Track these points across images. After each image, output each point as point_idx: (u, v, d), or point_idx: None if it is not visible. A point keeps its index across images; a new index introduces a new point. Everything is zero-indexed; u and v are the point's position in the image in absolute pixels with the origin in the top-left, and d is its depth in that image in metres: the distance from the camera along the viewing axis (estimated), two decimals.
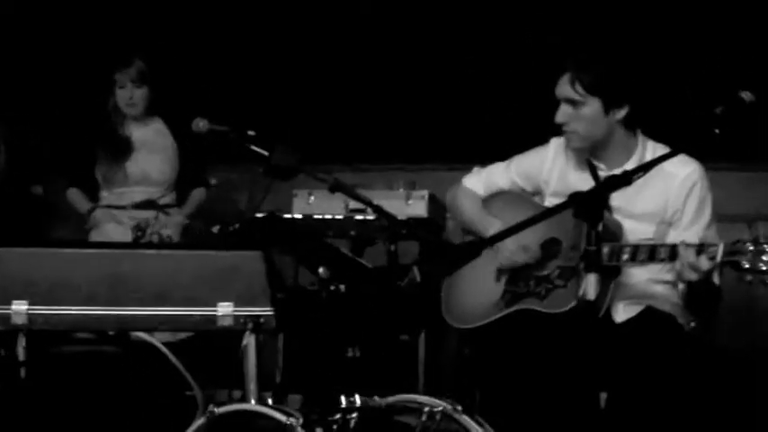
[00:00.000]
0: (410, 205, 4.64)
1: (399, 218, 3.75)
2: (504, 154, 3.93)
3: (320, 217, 4.45)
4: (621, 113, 2.93)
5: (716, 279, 2.76)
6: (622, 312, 2.97)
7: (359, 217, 4.41)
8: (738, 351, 4.44)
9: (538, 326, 2.92)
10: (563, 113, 2.97)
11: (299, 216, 4.66)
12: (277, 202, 5.15)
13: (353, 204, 4.72)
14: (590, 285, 2.29)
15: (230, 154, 3.62)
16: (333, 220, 4.41)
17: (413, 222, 4.25)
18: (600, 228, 2.34)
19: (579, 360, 2.82)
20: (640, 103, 2.94)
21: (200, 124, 3.46)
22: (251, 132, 3.39)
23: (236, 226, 4.22)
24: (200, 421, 2.18)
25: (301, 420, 2.01)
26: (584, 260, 2.31)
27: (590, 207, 2.30)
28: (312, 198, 4.81)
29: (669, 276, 2.97)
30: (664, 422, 2.82)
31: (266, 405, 2.11)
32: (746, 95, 2.49)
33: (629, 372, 2.82)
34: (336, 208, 4.69)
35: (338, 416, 2.11)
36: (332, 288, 2.80)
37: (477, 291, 3.13)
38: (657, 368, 2.85)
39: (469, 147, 5.17)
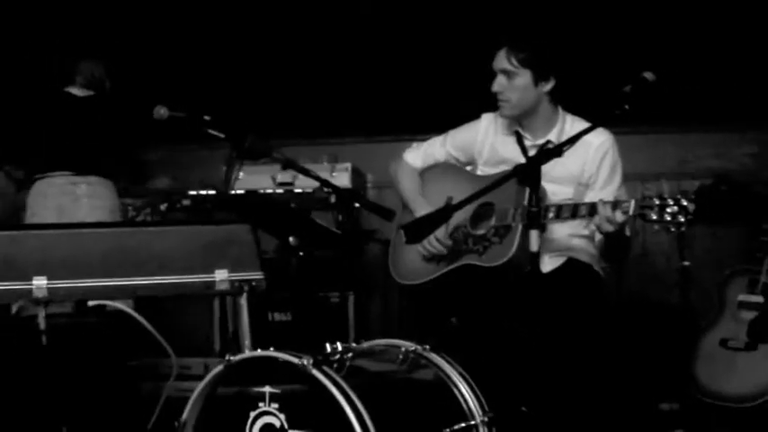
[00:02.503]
0: (334, 177, 5.06)
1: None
2: (419, 126, 4.46)
3: (262, 191, 4.90)
4: (548, 86, 3.43)
5: (627, 231, 3.32)
6: (548, 263, 3.49)
7: (297, 190, 4.88)
8: (635, 293, 5.15)
9: (478, 278, 3.44)
10: (499, 83, 3.45)
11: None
12: (206, 178, 5.58)
13: (281, 178, 5.18)
14: (533, 239, 2.81)
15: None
16: (274, 194, 4.86)
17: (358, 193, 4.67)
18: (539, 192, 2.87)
19: (514, 304, 3.35)
20: (564, 77, 3.45)
21: (161, 111, 3.82)
22: (207, 117, 3.79)
23: (184, 203, 4.63)
24: (217, 369, 2.61)
25: (312, 360, 2.46)
26: (527, 219, 2.83)
27: (530, 175, 2.82)
28: (241, 174, 5.23)
29: (586, 231, 3.49)
30: (585, 353, 3.38)
31: (279, 351, 2.55)
32: (649, 75, 2.97)
33: (556, 313, 3.35)
34: (264, 182, 5.14)
35: (338, 356, 2.57)
36: (300, 254, 3.25)
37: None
38: (579, 309, 3.40)
39: (387, 120, 5.66)
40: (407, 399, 2.68)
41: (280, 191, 4.90)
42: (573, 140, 2.90)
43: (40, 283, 2.78)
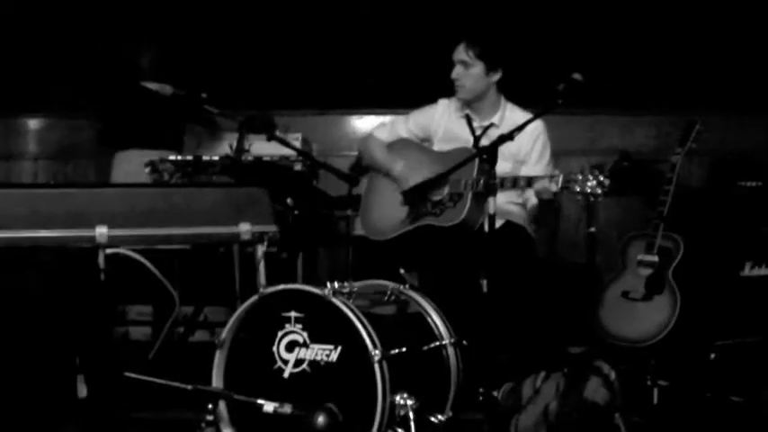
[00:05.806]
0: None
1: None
2: (366, 101, 5.33)
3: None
4: (496, 77, 4.43)
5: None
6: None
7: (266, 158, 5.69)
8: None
9: (436, 236, 4.39)
10: (457, 72, 4.44)
11: (190, 158, 5.91)
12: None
13: (237, 146, 6.00)
14: (491, 204, 3.78)
15: None
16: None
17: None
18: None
19: (466, 257, 4.32)
20: (509, 71, 4.44)
21: (167, 89, 4.65)
22: (204, 95, 4.65)
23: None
24: (252, 299, 3.49)
25: (331, 291, 3.38)
26: (486, 188, 3.79)
27: (489, 155, 3.80)
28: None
29: (519, 200, 4.51)
30: (520, 295, 4.35)
31: (303, 284, 3.45)
32: (577, 76, 3.85)
33: (499, 265, 4.31)
34: (223, 149, 5.92)
35: (347, 289, 3.49)
36: (295, 213, 4.16)
37: (387, 212, 4.52)
38: (516, 261, 4.39)
39: (336, 94, 6.51)
40: (395, 325, 3.64)
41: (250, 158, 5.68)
42: (521, 128, 3.87)
43: (101, 231, 3.61)
